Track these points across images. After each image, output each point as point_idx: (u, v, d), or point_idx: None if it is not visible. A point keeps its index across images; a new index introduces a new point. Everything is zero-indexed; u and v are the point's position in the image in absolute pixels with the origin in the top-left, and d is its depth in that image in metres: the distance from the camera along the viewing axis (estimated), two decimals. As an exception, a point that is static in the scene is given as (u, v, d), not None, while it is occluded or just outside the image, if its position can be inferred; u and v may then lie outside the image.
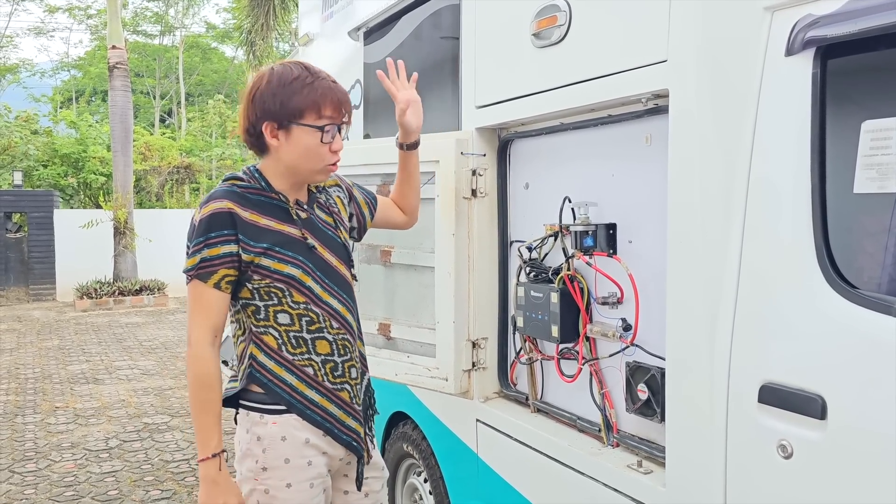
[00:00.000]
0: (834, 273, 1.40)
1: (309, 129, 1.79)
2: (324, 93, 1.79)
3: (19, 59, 31.04)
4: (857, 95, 1.55)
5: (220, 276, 1.76)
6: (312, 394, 1.85)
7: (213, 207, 1.76)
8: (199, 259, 1.75)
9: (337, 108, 1.81)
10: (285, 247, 1.81)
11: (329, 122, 1.80)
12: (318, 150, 1.81)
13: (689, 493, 1.69)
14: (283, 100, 1.78)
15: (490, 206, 2.56)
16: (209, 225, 1.75)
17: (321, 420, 1.86)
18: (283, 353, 1.84)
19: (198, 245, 1.75)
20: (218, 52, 33.56)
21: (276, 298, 1.81)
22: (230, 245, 1.75)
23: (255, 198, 1.82)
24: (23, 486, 4.44)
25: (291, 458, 1.83)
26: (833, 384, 1.38)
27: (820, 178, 1.44)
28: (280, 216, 1.83)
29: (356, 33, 3.46)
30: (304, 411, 1.84)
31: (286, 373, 1.84)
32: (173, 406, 6.27)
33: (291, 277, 1.81)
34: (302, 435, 1.85)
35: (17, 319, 11.44)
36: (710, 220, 1.63)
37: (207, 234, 1.74)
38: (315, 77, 1.81)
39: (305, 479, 1.85)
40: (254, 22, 13.79)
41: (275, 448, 1.83)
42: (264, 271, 1.78)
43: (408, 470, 3.23)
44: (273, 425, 1.83)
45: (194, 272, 1.75)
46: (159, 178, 17.78)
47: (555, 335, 2.17)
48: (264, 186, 1.84)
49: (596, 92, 1.98)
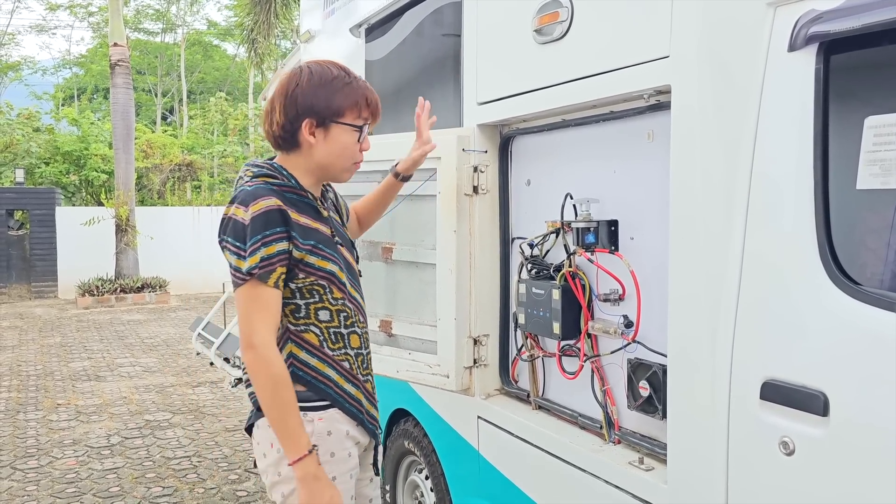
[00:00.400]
0: (836, 269, 1.40)
1: (348, 128, 1.83)
2: (363, 93, 1.84)
3: (21, 57, 31.17)
4: (860, 91, 1.55)
5: (278, 275, 1.74)
6: (349, 387, 1.90)
7: (265, 205, 1.73)
8: (260, 258, 1.71)
9: (373, 109, 1.87)
10: (325, 245, 1.84)
11: (365, 122, 1.87)
12: (352, 149, 1.86)
13: (691, 490, 1.69)
14: (325, 97, 1.80)
15: (491, 203, 2.55)
16: (265, 223, 1.72)
17: (356, 412, 1.91)
18: (324, 349, 1.86)
19: (255, 244, 1.71)
20: (220, 50, 33.58)
21: (317, 296, 1.83)
22: (284, 242, 1.74)
23: (290, 196, 1.82)
24: (24, 482, 4.44)
25: (336, 451, 1.87)
26: (835, 381, 1.38)
27: (822, 175, 1.44)
28: (312, 214, 1.85)
29: (358, 30, 3.45)
30: (343, 404, 1.88)
31: (328, 368, 1.87)
32: (175, 403, 6.28)
33: (332, 274, 1.84)
34: (343, 428, 1.89)
35: (19, 317, 11.46)
36: (712, 216, 1.62)
37: (264, 233, 1.71)
38: (353, 78, 1.86)
39: (346, 471, 1.89)
40: (255, 20, 13.78)
41: (323, 444, 1.84)
42: (309, 269, 1.80)
43: (409, 467, 3.24)
44: (319, 422, 1.84)
45: (257, 271, 1.71)
46: (161, 175, 17.78)
47: (556, 332, 2.17)
48: (295, 184, 1.84)
49: (598, 88, 1.98)
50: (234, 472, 4.59)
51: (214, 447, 5.09)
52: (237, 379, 4.72)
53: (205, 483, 4.41)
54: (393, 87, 3.31)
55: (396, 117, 3.27)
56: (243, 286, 1.73)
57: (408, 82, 3.21)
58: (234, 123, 22.36)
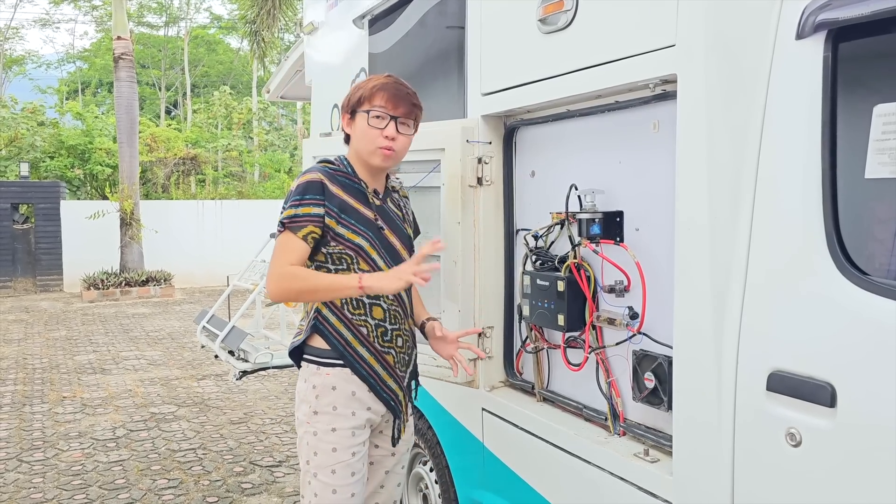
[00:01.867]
0: (844, 259, 1.39)
1: (362, 113, 2.13)
2: (378, 86, 2.12)
3: (25, 51, 31.24)
4: (868, 79, 1.53)
5: (308, 231, 2.05)
6: (363, 350, 2.13)
7: (309, 177, 2.08)
8: (294, 213, 2.05)
9: (389, 99, 2.11)
10: (359, 221, 2.11)
11: (380, 109, 2.10)
12: (368, 132, 2.11)
13: (697, 482, 1.68)
14: (352, 93, 2.18)
15: (496, 195, 2.54)
16: (305, 189, 2.06)
17: (367, 375, 2.13)
18: (344, 311, 2.13)
19: (293, 203, 2.05)
20: (223, 43, 33.54)
21: (345, 264, 2.10)
22: (318, 207, 2.05)
23: (342, 179, 2.13)
24: (31, 474, 4.46)
25: (339, 406, 2.11)
26: (843, 372, 1.37)
27: (831, 164, 1.42)
28: (359, 198, 2.14)
29: (361, 21, 3.44)
30: (353, 364, 2.12)
31: (344, 328, 2.12)
32: (180, 396, 6.30)
33: (360, 247, 2.09)
34: (349, 387, 2.12)
35: (25, 310, 11.50)
36: (718, 206, 1.61)
37: (302, 196, 2.05)
38: (380, 77, 2.16)
39: (348, 427, 2.11)
40: (258, 12, 13.75)
41: (326, 395, 2.11)
42: (339, 238, 2.08)
43: (413, 459, 3.23)
44: (327, 376, 2.11)
45: (288, 222, 2.04)
46: (165, 169, 17.82)
47: (561, 324, 2.16)
48: (350, 172, 2.17)
49: (603, 78, 1.96)
50: (238, 464, 4.60)
51: (219, 439, 5.10)
52: (242, 372, 4.72)
53: (210, 475, 4.43)
54: (396, 79, 3.29)
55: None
56: (279, 235, 2.07)
57: (412, 73, 3.19)
58: (238, 117, 22.37)
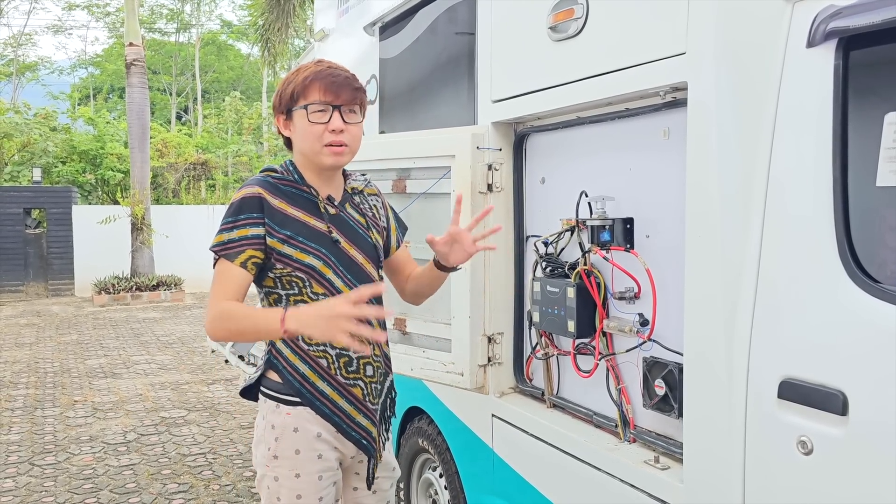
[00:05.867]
0: (856, 267, 1.39)
1: (299, 111, 1.84)
2: (310, 76, 1.83)
3: (38, 57, 31.47)
4: (879, 87, 1.52)
5: (247, 257, 1.79)
6: (324, 386, 1.87)
7: (244, 193, 1.83)
8: (227, 239, 1.80)
9: (327, 89, 1.82)
10: (309, 238, 1.84)
11: (319, 103, 1.82)
12: (311, 130, 1.83)
13: (708, 490, 1.68)
14: (281, 92, 1.88)
15: (506, 201, 2.55)
16: (239, 209, 1.81)
17: (330, 413, 1.88)
18: (299, 342, 1.87)
19: (226, 225, 1.81)
20: (234, 49, 33.73)
21: (296, 288, 1.84)
22: (257, 228, 1.80)
23: (287, 189, 1.87)
24: (42, 478, 4.49)
25: (302, 449, 1.86)
26: (854, 379, 1.36)
27: (842, 172, 1.42)
28: (309, 209, 1.87)
29: (372, 28, 3.46)
30: (314, 402, 1.86)
31: (300, 362, 1.86)
32: (190, 400, 6.32)
33: (312, 268, 1.83)
34: (314, 429, 1.87)
35: (37, 314, 11.57)
36: (728, 214, 1.61)
37: (236, 216, 1.80)
38: (309, 66, 1.87)
39: (314, 472, 1.87)
40: (269, 18, 13.82)
41: (287, 438, 1.86)
42: (286, 259, 1.82)
43: (423, 465, 3.24)
44: (287, 416, 1.86)
45: (221, 250, 1.80)
46: (176, 174, 17.90)
47: (571, 330, 2.16)
48: (297, 179, 1.89)
49: (613, 85, 1.96)
50: (248, 469, 4.61)
51: (229, 444, 5.12)
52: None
53: (220, 480, 4.44)
54: (407, 86, 3.31)
55: (411, 115, 3.28)
56: (215, 265, 1.83)
57: (422, 80, 3.21)
58: (248, 123, 22.49)
